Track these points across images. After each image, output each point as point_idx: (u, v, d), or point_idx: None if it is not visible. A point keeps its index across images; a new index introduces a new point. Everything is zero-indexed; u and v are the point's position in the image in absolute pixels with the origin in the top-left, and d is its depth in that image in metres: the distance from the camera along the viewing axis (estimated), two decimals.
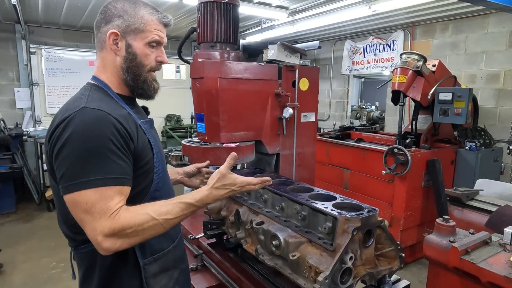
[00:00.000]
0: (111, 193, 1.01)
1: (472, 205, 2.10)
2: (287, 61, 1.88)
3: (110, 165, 1.02)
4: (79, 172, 0.99)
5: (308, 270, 1.12)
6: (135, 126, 1.15)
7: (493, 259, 1.38)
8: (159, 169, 1.22)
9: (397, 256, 1.23)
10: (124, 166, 1.05)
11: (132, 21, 1.16)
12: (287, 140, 1.96)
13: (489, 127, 4.26)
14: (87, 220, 1.00)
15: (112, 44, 1.16)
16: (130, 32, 1.16)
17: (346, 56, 6.55)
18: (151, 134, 1.25)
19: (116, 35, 1.15)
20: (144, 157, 1.16)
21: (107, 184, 1.01)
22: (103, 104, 1.10)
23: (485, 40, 4.54)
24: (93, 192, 0.99)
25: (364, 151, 4.04)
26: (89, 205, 0.99)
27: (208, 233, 1.66)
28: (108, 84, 1.20)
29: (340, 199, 1.29)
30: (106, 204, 1.00)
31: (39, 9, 5.10)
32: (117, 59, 1.18)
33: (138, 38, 1.17)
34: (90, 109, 1.05)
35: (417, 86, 3.68)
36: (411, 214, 3.64)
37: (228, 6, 1.69)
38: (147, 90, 1.24)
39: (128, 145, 1.08)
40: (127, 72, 1.19)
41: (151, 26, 1.18)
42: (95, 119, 1.03)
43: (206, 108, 1.70)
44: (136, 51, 1.18)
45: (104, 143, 1.01)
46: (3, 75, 6.04)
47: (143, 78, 1.21)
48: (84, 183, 0.99)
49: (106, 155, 1.02)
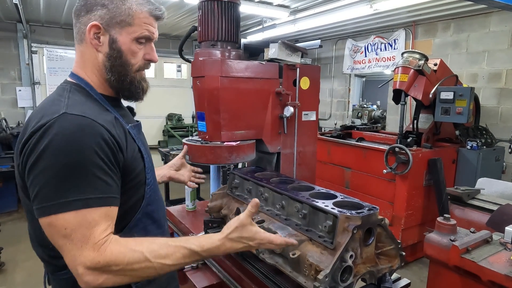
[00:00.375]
0: (96, 216, 0.86)
1: (473, 204, 2.10)
2: (288, 59, 1.88)
3: (95, 183, 0.87)
4: (56, 191, 0.84)
5: (309, 268, 1.12)
6: (123, 132, 1.00)
7: (494, 258, 1.38)
8: (151, 180, 1.09)
9: (398, 255, 1.23)
10: (110, 184, 0.90)
11: (118, 12, 0.99)
12: (288, 139, 1.96)
13: (491, 126, 4.25)
14: (67, 247, 0.85)
15: (93, 38, 0.99)
16: (114, 25, 0.99)
17: (347, 55, 6.54)
18: (140, 140, 1.10)
19: (98, 28, 0.98)
20: (134, 168, 1.01)
21: (90, 206, 0.86)
22: (86, 108, 0.94)
23: (487, 39, 4.53)
24: (74, 215, 0.84)
25: (365, 150, 4.04)
26: (68, 231, 0.84)
27: (209, 231, 1.66)
28: (90, 83, 1.04)
29: (341, 197, 1.29)
30: (90, 230, 0.85)
31: (40, 8, 5.12)
32: (99, 56, 1.02)
33: (124, 33, 1.00)
34: (72, 116, 0.88)
35: (419, 85, 3.68)
36: (412, 213, 3.64)
37: (229, 4, 1.69)
38: (135, 91, 1.09)
39: (116, 158, 0.93)
40: (110, 71, 1.03)
41: (140, 19, 1.02)
42: (78, 127, 0.87)
43: (207, 107, 1.70)
44: (121, 47, 1.01)
45: (88, 157, 0.86)
46: (5, 74, 6.06)
47: (130, 78, 1.06)
48: (63, 205, 0.83)
49: (90, 170, 0.86)
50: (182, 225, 2.01)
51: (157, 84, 7.24)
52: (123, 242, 0.90)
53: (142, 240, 0.93)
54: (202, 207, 2.26)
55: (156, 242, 0.94)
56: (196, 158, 1.72)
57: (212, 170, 2.33)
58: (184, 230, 1.97)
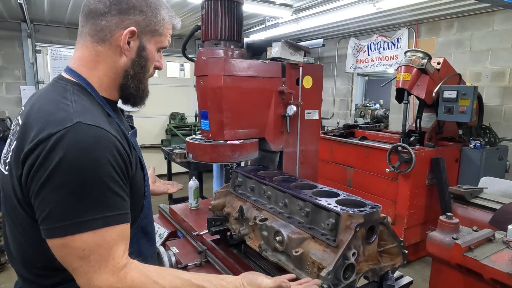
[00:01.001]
0: (114, 235, 0.81)
1: (476, 202, 2.09)
2: (291, 58, 1.89)
3: (113, 199, 0.82)
4: (74, 209, 0.77)
5: (311, 266, 1.13)
6: (126, 141, 0.93)
7: (496, 256, 1.38)
8: (148, 193, 1.05)
9: (400, 253, 1.24)
10: (126, 199, 0.86)
11: (154, 21, 0.98)
12: (291, 138, 1.97)
13: (494, 125, 4.23)
14: (83, 269, 0.79)
15: (125, 43, 0.95)
16: (147, 33, 0.98)
17: (350, 54, 6.52)
18: (138, 148, 1.05)
19: (134, 33, 0.95)
20: (137, 180, 0.96)
21: (110, 224, 0.80)
22: (96, 116, 0.87)
23: (491, 37, 4.50)
24: (92, 235, 0.78)
25: (367, 149, 4.03)
26: (86, 252, 0.78)
27: (212, 229, 1.67)
28: (93, 85, 0.96)
29: (344, 195, 1.30)
30: (109, 251, 0.80)
31: (44, 7, 5.14)
32: (122, 60, 0.97)
33: (153, 41, 1.00)
34: (87, 126, 0.81)
35: (422, 84, 3.67)
36: (414, 212, 3.64)
37: (232, 4, 1.70)
38: (144, 98, 1.07)
39: (128, 171, 0.89)
40: (133, 78, 0.99)
41: (167, 30, 1.03)
42: (94, 139, 0.80)
43: (210, 106, 1.71)
44: (148, 55, 1.00)
45: (107, 171, 0.80)
46: (9, 73, 6.09)
47: (144, 86, 1.04)
48: (82, 224, 0.77)
49: (108, 186, 0.80)
50: (186, 223, 2.02)
51: (160, 83, 7.25)
52: (145, 270, 0.86)
53: (164, 272, 0.90)
54: (205, 205, 2.27)
55: (180, 277, 0.90)
56: (199, 157, 1.73)
57: (215, 168, 2.34)
58: (188, 228, 1.98)
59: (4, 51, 5.99)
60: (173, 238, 2.06)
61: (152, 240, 1.15)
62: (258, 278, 1.02)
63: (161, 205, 2.41)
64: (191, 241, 1.92)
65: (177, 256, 1.74)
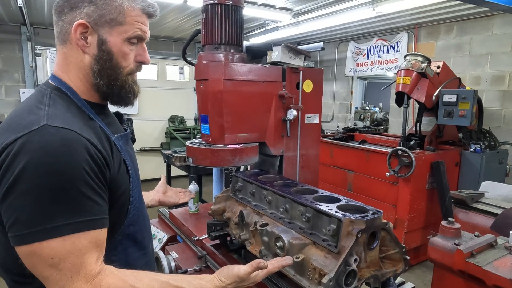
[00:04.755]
0: (85, 242, 0.77)
1: (477, 207, 2.09)
2: (291, 62, 1.89)
3: (84, 204, 0.78)
4: (41, 215, 0.73)
5: (313, 272, 1.12)
6: (108, 144, 0.91)
7: (499, 262, 1.37)
8: (135, 198, 0.99)
9: (402, 259, 1.23)
10: (100, 203, 0.82)
11: (108, 9, 0.89)
12: (291, 142, 1.96)
13: (494, 129, 4.24)
14: (54, 278, 0.75)
15: (80, 39, 0.90)
16: (104, 24, 0.90)
17: (349, 57, 6.54)
18: (127, 152, 1.00)
19: (85, 27, 0.89)
20: (120, 184, 0.92)
21: (81, 230, 0.76)
22: (70, 118, 0.84)
23: (490, 41, 4.52)
24: (62, 242, 0.74)
25: (368, 152, 4.03)
26: (56, 260, 0.74)
27: (212, 234, 1.66)
28: (73, 88, 0.94)
29: (345, 201, 1.29)
30: (81, 258, 0.76)
31: (44, 11, 5.15)
32: (85, 58, 0.92)
33: (114, 32, 0.91)
34: (54, 128, 0.78)
35: (421, 87, 3.67)
36: (415, 216, 3.62)
37: (233, 8, 1.70)
38: (125, 96, 1.00)
39: (104, 175, 0.84)
40: (99, 75, 0.93)
41: (132, 17, 0.92)
42: (62, 142, 0.77)
43: (210, 110, 1.70)
44: (111, 49, 0.92)
45: (76, 175, 0.76)
46: (9, 76, 6.09)
47: (121, 82, 0.97)
48: (49, 231, 0.73)
49: (79, 190, 0.76)
50: (185, 227, 2.01)
51: (159, 86, 7.26)
52: (120, 275, 0.82)
53: (141, 275, 0.86)
54: (205, 209, 2.26)
55: (157, 279, 0.87)
56: (199, 161, 1.72)
57: (215, 172, 2.33)
58: (187, 232, 1.97)
59: (4, 54, 6.00)
60: (172, 242, 2.05)
61: (145, 249, 1.09)
62: (234, 269, 1.01)
63: (161, 209, 2.39)
64: (191, 246, 1.90)
65: (177, 261, 1.73)
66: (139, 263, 1.04)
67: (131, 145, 1.12)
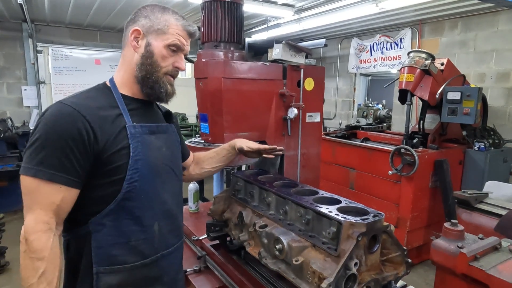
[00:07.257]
0: (43, 190, 1.01)
1: (481, 208, 2.05)
2: (292, 60, 1.86)
3: (51, 160, 1.01)
4: (28, 157, 1.03)
5: (312, 276, 1.10)
6: (116, 128, 1.10)
7: (503, 266, 1.34)
8: (135, 178, 1.11)
9: (403, 262, 1.20)
10: (67, 166, 1.02)
11: (157, 22, 1.17)
12: (292, 141, 1.93)
13: (499, 127, 4.18)
14: (25, 204, 1.04)
15: (133, 41, 1.17)
16: (152, 32, 1.17)
17: (352, 54, 6.48)
18: (141, 140, 1.14)
19: (138, 32, 1.17)
20: (112, 161, 1.08)
21: (37, 176, 1.00)
22: (84, 100, 1.10)
23: (495, 38, 4.45)
24: (30, 181, 1.02)
25: (370, 151, 3.99)
26: (25, 191, 1.03)
27: (211, 235, 1.64)
28: (117, 84, 1.20)
29: (345, 203, 1.26)
30: (36, 200, 1.02)
31: (45, 7, 5.13)
32: (135, 56, 1.18)
33: (159, 39, 1.17)
34: (62, 104, 1.07)
35: (425, 85, 3.62)
36: (418, 215, 3.59)
37: (232, 5, 1.67)
38: (157, 90, 1.19)
39: (86, 146, 1.04)
40: (139, 68, 1.17)
41: (174, 29, 1.19)
42: (60, 113, 1.04)
43: (210, 109, 1.68)
44: (154, 50, 1.17)
45: (57, 138, 1.02)
46: (10, 73, 6.08)
47: (155, 78, 1.18)
48: (24, 169, 1.02)
49: (53, 149, 1.02)
50: (185, 227, 1.99)
51: None
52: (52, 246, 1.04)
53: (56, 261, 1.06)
54: (205, 208, 2.24)
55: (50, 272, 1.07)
56: None
57: None
58: (187, 232, 1.96)
59: (5, 51, 5.99)
60: None
61: (144, 227, 1.16)
62: None
63: None
64: (191, 245, 1.89)
65: None
66: (135, 236, 1.14)
67: (164, 136, 1.26)
